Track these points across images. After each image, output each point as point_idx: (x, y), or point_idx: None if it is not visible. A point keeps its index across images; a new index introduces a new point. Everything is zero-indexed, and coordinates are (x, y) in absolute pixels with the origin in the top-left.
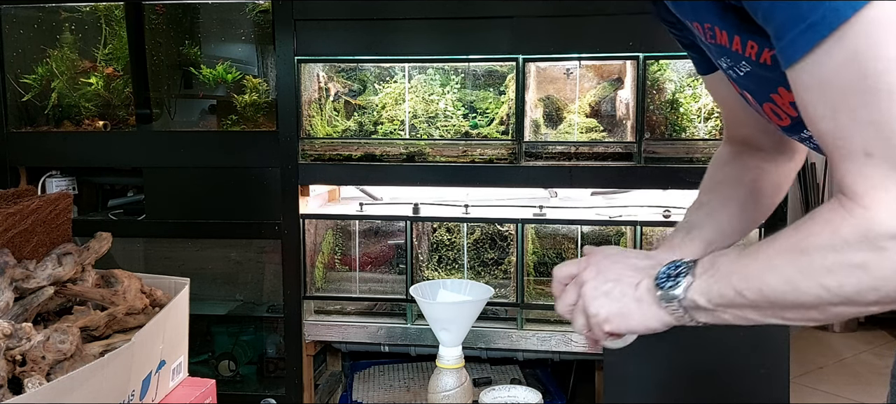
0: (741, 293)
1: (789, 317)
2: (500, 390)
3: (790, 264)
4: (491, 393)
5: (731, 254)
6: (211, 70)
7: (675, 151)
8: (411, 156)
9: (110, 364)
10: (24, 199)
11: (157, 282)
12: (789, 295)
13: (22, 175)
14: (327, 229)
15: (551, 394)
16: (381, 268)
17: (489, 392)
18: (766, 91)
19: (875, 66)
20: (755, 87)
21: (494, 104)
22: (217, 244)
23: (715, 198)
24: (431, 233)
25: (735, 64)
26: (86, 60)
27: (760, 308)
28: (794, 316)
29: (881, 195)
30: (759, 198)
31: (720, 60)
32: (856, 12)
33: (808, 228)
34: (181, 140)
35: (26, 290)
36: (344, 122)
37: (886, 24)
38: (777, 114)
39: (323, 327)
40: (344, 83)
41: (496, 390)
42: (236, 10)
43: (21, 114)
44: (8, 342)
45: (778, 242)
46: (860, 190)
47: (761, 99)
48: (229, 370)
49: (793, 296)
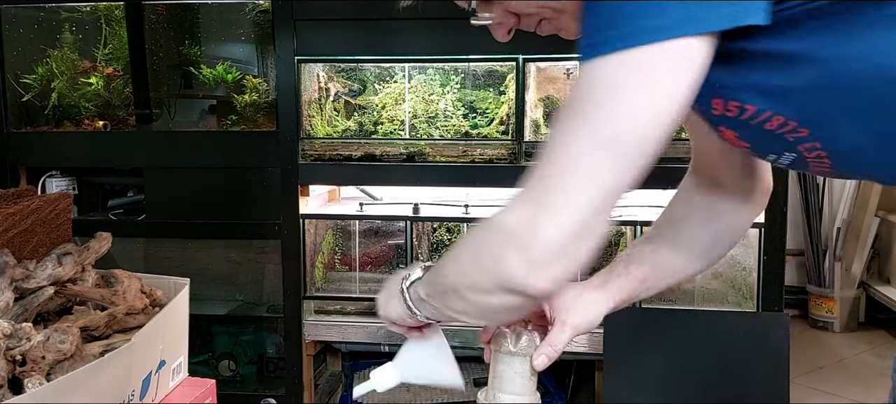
0: (433, 282)
1: (458, 298)
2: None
3: (459, 248)
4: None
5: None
6: (211, 70)
7: (675, 151)
8: (411, 156)
9: (110, 364)
10: (24, 199)
11: (157, 282)
12: (451, 276)
13: (22, 175)
14: (327, 229)
15: (551, 394)
16: (381, 268)
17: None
18: (708, 97)
19: (595, 97)
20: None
21: (494, 104)
22: (217, 244)
23: (663, 235)
24: (431, 233)
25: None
26: (86, 60)
27: (445, 295)
28: (457, 290)
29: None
30: (709, 242)
31: None
32: (613, 52)
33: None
34: (181, 140)
35: (26, 290)
36: (344, 122)
37: (626, 72)
38: (730, 140)
39: (323, 327)
40: (344, 83)
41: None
42: (236, 10)
43: (21, 114)
44: (8, 342)
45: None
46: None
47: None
48: (229, 370)
49: (453, 278)
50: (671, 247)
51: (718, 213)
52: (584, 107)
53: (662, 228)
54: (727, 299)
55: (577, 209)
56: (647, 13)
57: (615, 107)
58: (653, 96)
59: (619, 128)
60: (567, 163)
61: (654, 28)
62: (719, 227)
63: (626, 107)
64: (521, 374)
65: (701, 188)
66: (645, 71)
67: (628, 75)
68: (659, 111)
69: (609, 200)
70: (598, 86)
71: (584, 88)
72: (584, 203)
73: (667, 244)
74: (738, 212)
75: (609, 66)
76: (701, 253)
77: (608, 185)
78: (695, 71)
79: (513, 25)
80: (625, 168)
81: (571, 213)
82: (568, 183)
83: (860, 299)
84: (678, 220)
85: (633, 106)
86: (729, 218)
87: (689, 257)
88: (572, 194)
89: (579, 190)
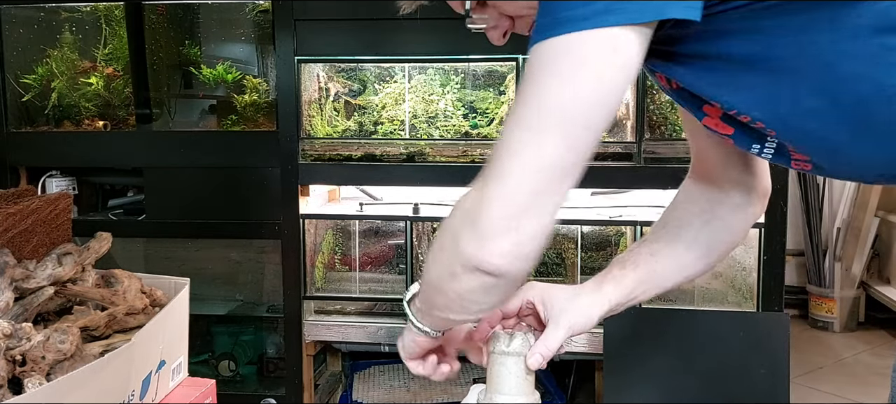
0: (425, 285)
1: (437, 293)
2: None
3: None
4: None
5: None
6: (211, 70)
7: (675, 151)
8: (411, 156)
9: (110, 364)
10: (24, 199)
11: (157, 282)
12: (432, 269)
13: (22, 175)
14: (327, 229)
15: (551, 394)
16: (381, 268)
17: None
18: (696, 107)
19: (532, 78)
20: (688, 106)
21: (494, 104)
22: (217, 244)
23: (661, 238)
24: (431, 233)
25: (668, 89)
26: (86, 60)
27: (431, 298)
28: (436, 285)
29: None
30: (707, 245)
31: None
32: (552, 37)
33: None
34: (181, 140)
35: (26, 290)
36: (344, 122)
37: (559, 57)
38: (716, 130)
39: (323, 327)
40: (344, 83)
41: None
42: (236, 10)
43: (21, 114)
44: (8, 342)
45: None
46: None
47: (698, 116)
48: (229, 370)
49: (433, 271)
50: (670, 249)
51: (718, 217)
52: (523, 89)
53: (660, 232)
54: (727, 299)
55: (519, 183)
56: (574, 5)
57: (547, 88)
58: (583, 78)
59: (553, 105)
60: (509, 142)
61: (577, 18)
62: (718, 230)
63: (555, 88)
64: (516, 374)
65: (700, 191)
66: (572, 55)
67: (557, 59)
68: (591, 92)
69: (550, 176)
70: (534, 69)
71: (526, 73)
72: (524, 177)
73: (665, 247)
74: (736, 216)
75: (542, 52)
76: (699, 256)
77: (546, 161)
78: (624, 59)
79: (507, 28)
80: (562, 144)
81: (514, 187)
82: (510, 160)
83: (860, 299)
84: (677, 223)
85: (564, 86)
86: (728, 221)
87: (688, 260)
88: (515, 171)
89: (520, 166)
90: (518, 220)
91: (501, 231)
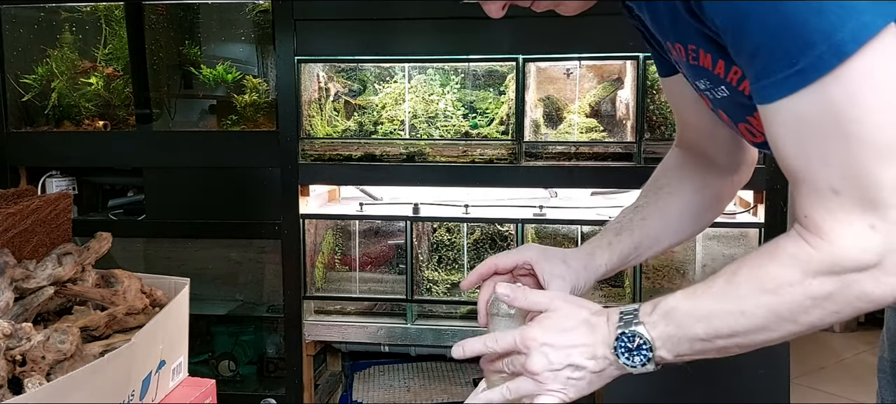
0: (710, 340)
1: (749, 347)
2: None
3: (762, 307)
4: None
5: (680, 299)
6: (211, 70)
7: None
8: (411, 156)
9: (110, 364)
10: (24, 199)
11: (157, 282)
12: (761, 334)
13: (22, 175)
14: (327, 229)
15: None
16: (381, 268)
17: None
18: (743, 114)
19: (849, 113)
20: (731, 110)
21: (494, 104)
22: (217, 244)
23: (652, 203)
24: (431, 233)
25: (714, 86)
26: (86, 60)
27: (726, 349)
28: (755, 344)
29: (845, 229)
30: (698, 210)
31: (698, 81)
32: (840, 63)
33: (773, 267)
34: (181, 140)
35: (26, 290)
36: (344, 122)
37: (863, 76)
38: (752, 132)
39: (323, 327)
40: (344, 83)
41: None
42: (236, 10)
43: (21, 114)
44: (8, 342)
45: (742, 285)
46: (826, 225)
47: (737, 120)
48: (229, 370)
49: (764, 336)
50: (661, 214)
51: (708, 184)
52: (842, 130)
53: (651, 197)
54: None
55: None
56: (845, 16)
57: (868, 114)
58: (883, 90)
59: (885, 132)
60: (862, 182)
61: (858, 28)
62: (708, 196)
63: (874, 111)
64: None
65: (690, 160)
66: (870, 70)
67: (859, 82)
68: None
69: None
70: (840, 105)
71: (823, 116)
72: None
73: (657, 212)
74: (725, 181)
75: (837, 82)
76: (691, 221)
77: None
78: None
79: (506, 0)
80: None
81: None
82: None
83: None
84: (668, 190)
85: (877, 106)
86: (718, 186)
87: (680, 225)
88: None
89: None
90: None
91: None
